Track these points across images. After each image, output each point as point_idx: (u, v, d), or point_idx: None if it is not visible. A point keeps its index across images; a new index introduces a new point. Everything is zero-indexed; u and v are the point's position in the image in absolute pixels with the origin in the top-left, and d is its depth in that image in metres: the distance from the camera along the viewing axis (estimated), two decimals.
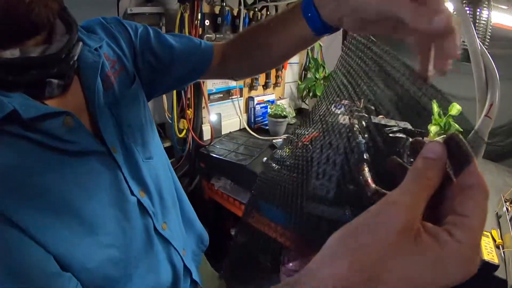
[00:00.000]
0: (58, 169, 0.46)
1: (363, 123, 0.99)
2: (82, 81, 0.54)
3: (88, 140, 0.51)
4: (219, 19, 1.38)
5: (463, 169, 0.27)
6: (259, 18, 1.60)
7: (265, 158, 1.41)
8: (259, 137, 1.67)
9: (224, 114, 1.62)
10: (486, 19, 0.86)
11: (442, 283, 0.25)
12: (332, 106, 1.15)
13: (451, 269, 0.24)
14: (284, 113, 1.73)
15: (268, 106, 1.83)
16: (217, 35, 1.38)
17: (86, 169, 0.50)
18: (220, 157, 1.44)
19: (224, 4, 1.38)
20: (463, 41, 0.95)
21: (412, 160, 0.28)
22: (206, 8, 1.34)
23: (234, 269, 1.24)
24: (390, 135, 0.93)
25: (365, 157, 0.77)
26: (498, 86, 0.54)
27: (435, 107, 1.60)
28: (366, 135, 0.87)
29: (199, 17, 1.26)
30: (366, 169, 0.71)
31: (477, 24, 0.83)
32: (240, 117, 1.74)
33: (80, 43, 0.52)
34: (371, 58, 0.85)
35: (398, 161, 0.34)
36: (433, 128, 1.52)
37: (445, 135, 1.35)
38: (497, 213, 1.31)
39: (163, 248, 0.64)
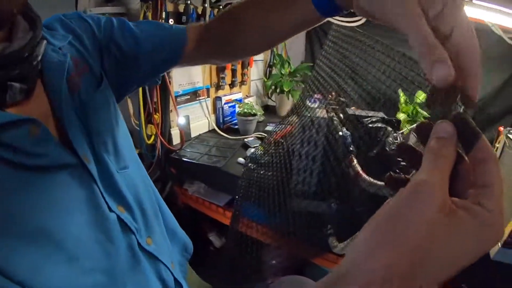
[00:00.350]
0: (25, 189, 0.40)
1: (341, 115, 1.00)
2: (45, 84, 0.47)
3: (57, 151, 0.45)
4: (184, 17, 1.33)
5: (473, 144, 0.28)
6: None
7: (240, 158, 1.39)
8: (229, 137, 1.65)
9: (192, 116, 1.57)
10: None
11: (482, 251, 0.26)
12: (307, 100, 1.15)
13: (487, 236, 0.26)
14: (253, 111, 1.71)
15: (236, 105, 1.81)
16: None
17: (57, 185, 0.45)
18: (193, 161, 1.39)
19: (189, 2, 1.34)
20: None
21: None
22: (169, 6, 1.29)
23: (223, 277, 1.21)
24: (370, 125, 0.95)
25: (351, 149, 0.78)
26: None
27: (402, 96, 1.66)
28: (346, 127, 0.88)
29: (164, 16, 1.21)
30: (355, 160, 0.72)
31: None
32: (209, 118, 1.70)
33: (44, 41, 0.46)
34: (342, 53, 0.85)
35: (409, 145, 0.34)
36: (401, 116, 1.58)
37: (415, 122, 1.40)
38: None
39: (151, 265, 0.59)
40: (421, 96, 1.57)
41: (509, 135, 1.23)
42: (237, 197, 1.27)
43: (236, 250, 1.38)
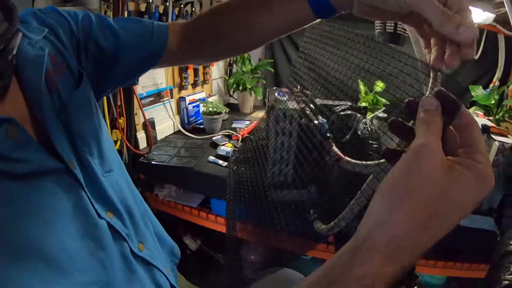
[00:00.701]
0: (7, 200, 0.37)
1: (311, 106, 1.04)
2: (22, 82, 0.44)
3: (40, 156, 0.42)
4: (146, 17, 1.30)
5: (455, 113, 0.33)
6: (185, 14, 1.56)
7: (210, 157, 1.39)
8: (196, 137, 1.64)
9: (157, 119, 1.54)
10: None
11: (480, 198, 0.30)
12: (275, 93, 1.18)
13: (482, 184, 0.30)
14: (219, 109, 1.71)
15: (201, 104, 1.80)
16: None
17: (43, 194, 0.41)
18: (163, 164, 1.37)
19: (151, 0, 1.31)
20: (387, 24, 1.06)
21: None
22: (131, 5, 1.26)
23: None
24: (341, 113, 1.00)
25: (329, 135, 0.82)
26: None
27: (362, 86, 1.75)
28: (319, 116, 0.92)
29: (126, 16, 1.17)
30: (334, 145, 0.76)
31: None
32: (173, 120, 1.68)
33: (20, 34, 0.42)
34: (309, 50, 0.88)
35: (401, 121, 0.38)
36: (363, 105, 1.66)
37: (376, 110, 1.47)
38: None
39: (146, 272, 0.57)
40: (380, 85, 1.67)
41: None
42: (228, 200, 1.27)
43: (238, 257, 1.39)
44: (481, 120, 1.29)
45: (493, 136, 1.09)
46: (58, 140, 0.45)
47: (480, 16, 1.54)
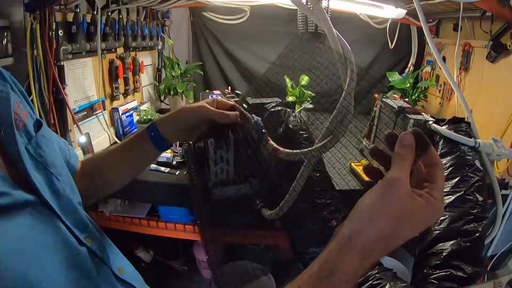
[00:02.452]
0: None
1: (244, 105, 1.14)
2: None
3: (14, 189, 0.42)
4: (74, 27, 1.28)
5: (426, 152, 0.44)
6: (112, 23, 1.55)
7: (152, 165, 1.41)
8: None
9: (92, 133, 1.53)
10: (326, 7, 1.13)
11: (431, 223, 0.48)
12: (209, 96, 1.25)
13: (434, 215, 0.43)
14: (152, 116, 1.74)
15: (134, 113, 1.81)
16: (73, 46, 1.29)
17: (22, 227, 0.42)
18: None
19: (78, 10, 1.29)
20: (309, 24, 1.19)
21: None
22: (58, 16, 1.23)
23: None
24: (272, 109, 1.11)
25: (264, 130, 0.92)
26: (353, 57, 0.71)
27: (288, 81, 1.91)
28: (253, 115, 1.02)
29: (54, 28, 1.16)
30: (270, 139, 0.86)
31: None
32: (108, 132, 1.67)
33: None
34: None
35: (379, 149, 0.49)
36: (290, 99, 1.81)
37: (303, 103, 1.62)
38: (360, 148, 1.80)
39: None
40: (304, 79, 1.86)
41: (383, 99, 1.53)
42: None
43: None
44: (397, 102, 1.49)
45: (408, 115, 1.28)
46: (31, 171, 0.47)
47: (393, 12, 1.78)
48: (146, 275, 0.68)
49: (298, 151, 0.75)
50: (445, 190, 0.99)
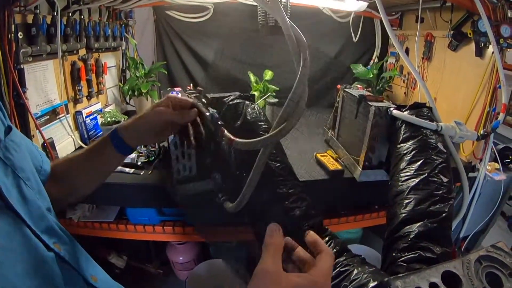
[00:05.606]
0: None
1: (204, 100, 1.20)
2: None
3: None
4: (34, 29, 1.29)
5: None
6: (73, 23, 1.57)
7: (119, 167, 1.44)
8: None
9: (56, 138, 1.54)
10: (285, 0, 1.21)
11: None
12: (170, 93, 1.31)
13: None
14: (117, 118, 1.76)
15: (98, 116, 1.83)
16: (33, 48, 1.30)
17: None
18: None
19: (38, 11, 1.30)
20: (269, 18, 1.26)
21: None
22: (17, 18, 1.23)
23: None
24: (230, 102, 1.17)
25: (220, 122, 0.97)
26: (307, 46, 0.74)
27: (252, 76, 2.00)
28: (209, 108, 1.07)
29: (13, 30, 1.16)
30: (225, 130, 0.91)
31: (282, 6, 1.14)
32: (73, 136, 1.69)
33: None
34: None
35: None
36: (255, 93, 1.90)
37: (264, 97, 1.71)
38: (325, 139, 1.91)
39: None
40: (268, 74, 1.96)
41: (346, 90, 1.63)
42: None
43: None
44: (359, 91, 1.58)
45: (369, 102, 1.37)
46: None
47: (355, 5, 1.89)
48: (121, 281, 0.70)
49: (251, 140, 0.78)
50: (409, 173, 1.05)
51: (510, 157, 1.86)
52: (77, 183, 0.81)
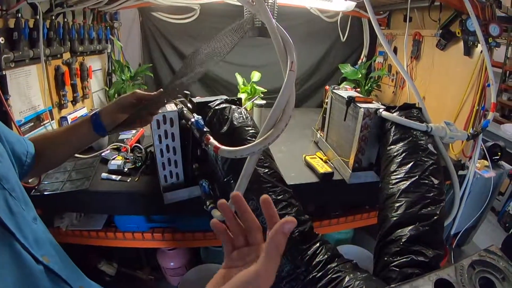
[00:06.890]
0: None
1: (189, 105, 1.18)
2: None
3: None
4: (15, 34, 1.27)
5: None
6: (56, 27, 1.54)
7: (103, 174, 1.40)
8: (85, 156, 1.61)
9: None
10: (273, 1, 1.20)
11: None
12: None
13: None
14: None
15: None
16: (16, 53, 1.27)
17: None
18: (56, 192, 1.33)
19: (20, 15, 1.27)
20: (255, 20, 1.25)
21: None
22: None
23: None
24: (216, 107, 1.16)
25: (205, 129, 0.96)
26: (294, 48, 0.73)
27: (239, 78, 1.99)
28: (194, 114, 1.05)
29: None
30: (211, 137, 0.90)
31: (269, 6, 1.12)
32: None
33: None
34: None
35: None
36: (243, 95, 1.89)
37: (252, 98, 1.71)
38: (314, 141, 1.91)
39: None
40: (255, 75, 1.95)
41: (334, 91, 1.62)
42: None
43: None
44: (348, 92, 1.58)
45: (358, 104, 1.36)
46: None
47: (343, 5, 1.89)
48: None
49: (237, 148, 0.77)
50: (399, 176, 1.04)
51: (499, 154, 1.88)
52: (53, 156, 0.84)
